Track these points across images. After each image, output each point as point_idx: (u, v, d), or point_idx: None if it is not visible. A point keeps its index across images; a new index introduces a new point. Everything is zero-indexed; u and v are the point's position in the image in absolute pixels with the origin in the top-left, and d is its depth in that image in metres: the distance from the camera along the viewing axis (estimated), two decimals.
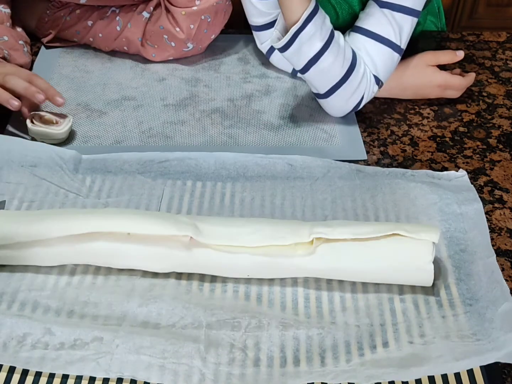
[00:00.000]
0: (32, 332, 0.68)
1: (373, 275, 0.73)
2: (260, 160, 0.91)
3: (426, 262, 0.72)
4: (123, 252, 0.73)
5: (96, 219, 0.74)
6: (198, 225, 0.73)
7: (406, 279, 0.74)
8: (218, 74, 1.12)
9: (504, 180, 0.91)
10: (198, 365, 0.65)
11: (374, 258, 0.73)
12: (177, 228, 0.72)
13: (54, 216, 0.75)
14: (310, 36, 0.89)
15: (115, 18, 1.10)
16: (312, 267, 0.73)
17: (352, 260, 0.73)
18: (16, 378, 0.65)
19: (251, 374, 0.65)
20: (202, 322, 0.69)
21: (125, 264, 0.74)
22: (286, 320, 0.70)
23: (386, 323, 0.70)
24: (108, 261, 0.75)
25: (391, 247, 0.72)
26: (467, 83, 1.05)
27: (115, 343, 0.66)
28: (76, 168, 0.89)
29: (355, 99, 0.97)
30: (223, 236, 0.73)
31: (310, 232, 0.72)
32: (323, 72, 0.93)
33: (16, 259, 0.75)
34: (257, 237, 0.72)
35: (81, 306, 0.71)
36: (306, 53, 0.90)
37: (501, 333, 0.67)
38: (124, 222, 0.73)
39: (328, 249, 0.72)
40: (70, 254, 0.74)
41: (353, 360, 0.66)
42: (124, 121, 1.00)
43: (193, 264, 0.74)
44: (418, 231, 0.72)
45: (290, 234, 0.72)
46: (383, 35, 0.95)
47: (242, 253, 0.72)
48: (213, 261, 0.73)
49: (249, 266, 0.73)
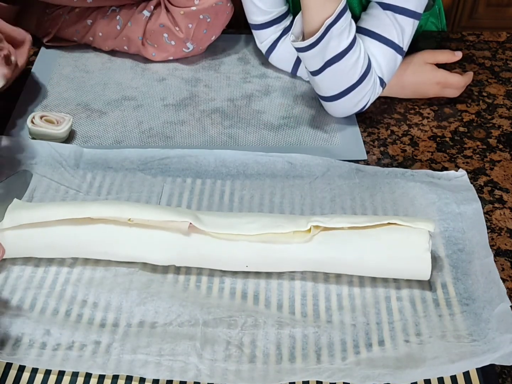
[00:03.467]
0: (30, 332, 0.68)
1: (370, 264, 0.73)
2: (260, 158, 0.91)
3: (423, 250, 0.72)
4: (124, 239, 0.74)
5: (97, 205, 0.75)
6: (198, 215, 0.74)
7: (403, 269, 0.73)
8: (218, 74, 1.12)
9: (504, 180, 0.91)
10: (194, 362, 0.65)
11: (371, 247, 0.73)
12: (177, 214, 0.73)
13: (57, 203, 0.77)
14: (341, 31, 0.89)
15: (115, 17, 1.11)
16: (310, 256, 0.73)
17: (349, 248, 0.73)
18: (12, 374, 0.65)
19: (247, 371, 0.65)
20: (199, 320, 0.69)
21: (125, 253, 0.75)
22: (282, 319, 0.70)
23: (383, 321, 0.70)
24: (108, 249, 0.75)
25: (388, 235, 0.73)
26: (466, 81, 1.05)
27: (113, 346, 0.67)
28: (77, 164, 0.90)
29: (363, 102, 0.97)
30: (222, 225, 0.74)
31: (308, 221, 0.73)
32: (343, 72, 0.92)
33: (18, 249, 0.75)
34: (256, 225, 0.73)
35: (80, 305, 0.71)
36: (333, 49, 0.90)
37: (496, 334, 0.67)
38: (125, 208, 0.74)
39: (326, 237, 0.73)
40: (71, 242, 0.75)
41: (349, 358, 0.66)
42: (124, 121, 1.00)
43: (191, 253, 0.74)
44: (414, 220, 0.73)
45: (288, 223, 0.73)
46: (387, 37, 0.95)
47: (240, 241, 0.73)
48: (212, 249, 0.73)
49: (248, 255, 0.73)
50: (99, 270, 0.75)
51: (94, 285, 0.74)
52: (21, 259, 0.77)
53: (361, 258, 0.73)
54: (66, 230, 0.74)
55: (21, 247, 0.75)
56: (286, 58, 1.09)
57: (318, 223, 0.72)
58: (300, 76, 1.10)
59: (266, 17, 1.05)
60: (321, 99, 1.00)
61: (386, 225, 0.73)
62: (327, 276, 0.75)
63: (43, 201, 0.84)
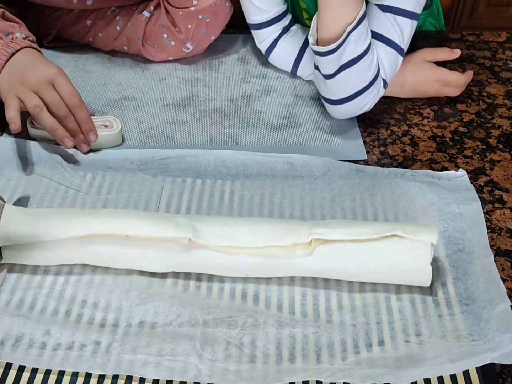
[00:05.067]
0: (30, 332, 0.68)
1: (371, 275, 0.73)
2: (260, 158, 0.91)
3: (424, 264, 0.71)
4: (122, 254, 0.74)
5: (95, 221, 0.74)
6: (197, 226, 0.73)
7: (404, 280, 0.73)
8: (218, 74, 1.12)
9: (504, 180, 0.91)
10: (194, 362, 0.65)
11: (372, 259, 0.72)
12: (175, 230, 0.72)
13: (55, 216, 0.75)
14: (359, 36, 0.89)
15: (115, 17, 1.11)
16: (311, 267, 0.73)
17: (350, 261, 0.73)
18: (12, 374, 0.65)
19: (247, 371, 0.65)
20: (199, 320, 0.69)
21: (123, 265, 0.75)
22: (282, 319, 0.70)
23: (383, 321, 0.70)
24: (106, 262, 0.75)
25: (389, 248, 0.72)
26: (466, 79, 1.05)
27: (113, 346, 0.67)
28: (77, 164, 0.90)
29: (368, 105, 0.97)
30: (222, 237, 0.73)
31: (309, 233, 0.72)
32: (356, 75, 0.92)
33: (16, 258, 0.75)
34: (256, 238, 0.72)
35: (80, 306, 0.71)
36: (350, 54, 0.90)
37: (496, 334, 0.67)
38: (123, 224, 0.73)
39: (327, 250, 0.72)
40: (69, 256, 0.75)
41: (349, 358, 0.66)
42: (124, 121, 1.00)
43: (191, 265, 0.74)
44: (417, 232, 0.72)
45: (289, 234, 0.72)
46: (390, 38, 0.95)
47: (240, 254, 0.72)
48: (212, 262, 0.73)
49: (248, 267, 0.73)
50: (99, 272, 0.75)
51: (94, 286, 0.74)
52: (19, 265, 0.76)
53: (362, 270, 0.73)
54: (64, 245, 0.74)
55: (19, 256, 0.75)
56: (285, 57, 1.09)
57: (319, 236, 0.72)
58: (300, 75, 1.10)
59: (265, 16, 1.05)
60: (327, 102, 0.99)
61: (388, 237, 0.72)
62: (327, 279, 0.75)
63: (43, 200, 0.84)
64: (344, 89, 0.94)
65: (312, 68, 1.04)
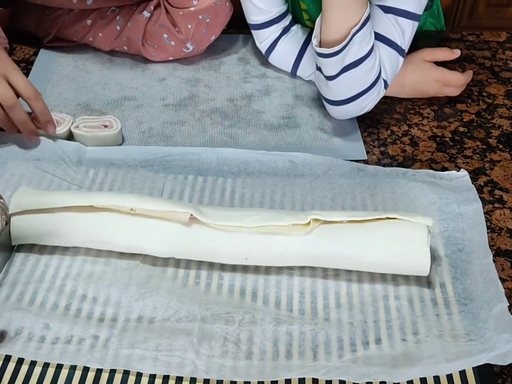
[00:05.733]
0: (30, 325, 0.69)
1: (369, 258, 0.73)
2: (261, 157, 0.91)
3: (422, 245, 0.72)
4: (125, 228, 0.75)
5: (102, 195, 0.77)
6: (199, 208, 0.75)
7: (402, 264, 0.73)
8: (218, 74, 1.12)
9: (504, 180, 0.91)
10: (191, 357, 0.65)
11: (370, 241, 0.73)
12: (178, 205, 0.74)
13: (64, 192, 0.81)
14: (363, 38, 0.89)
15: (115, 17, 1.11)
16: (309, 249, 0.73)
17: (348, 242, 0.73)
18: (11, 366, 0.66)
19: (243, 367, 0.65)
20: (197, 315, 0.70)
21: (126, 243, 0.75)
22: (279, 316, 0.70)
23: (380, 320, 0.70)
24: (109, 238, 0.75)
25: (387, 229, 0.73)
26: (466, 79, 1.05)
27: (111, 341, 0.67)
28: (80, 161, 0.91)
29: (369, 106, 0.97)
30: (223, 217, 0.74)
31: (308, 215, 0.73)
32: (358, 77, 0.92)
33: (22, 236, 0.76)
34: (256, 218, 0.74)
35: (79, 300, 0.72)
36: (353, 55, 0.90)
37: (493, 334, 0.67)
38: (128, 198, 0.76)
39: (325, 231, 0.73)
40: (74, 230, 0.76)
41: (345, 356, 0.66)
42: (124, 121, 1.00)
43: (192, 244, 0.75)
44: (413, 215, 0.74)
45: (288, 216, 0.74)
46: (391, 39, 0.95)
47: (241, 232, 0.73)
48: (212, 240, 0.74)
49: (247, 247, 0.74)
50: (99, 265, 0.76)
51: (93, 280, 0.74)
52: (22, 253, 0.77)
53: (359, 252, 0.73)
54: (70, 217, 0.75)
55: (26, 233, 0.76)
56: (285, 57, 1.09)
57: (317, 216, 0.73)
58: (300, 75, 1.10)
59: (265, 16, 1.06)
60: (328, 103, 0.99)
61: (385, 220, 0.73)
62: (325, 274, 0.76)
63: None
64: (346, 91, 0.94)
65: (312, 68, 1.05)
